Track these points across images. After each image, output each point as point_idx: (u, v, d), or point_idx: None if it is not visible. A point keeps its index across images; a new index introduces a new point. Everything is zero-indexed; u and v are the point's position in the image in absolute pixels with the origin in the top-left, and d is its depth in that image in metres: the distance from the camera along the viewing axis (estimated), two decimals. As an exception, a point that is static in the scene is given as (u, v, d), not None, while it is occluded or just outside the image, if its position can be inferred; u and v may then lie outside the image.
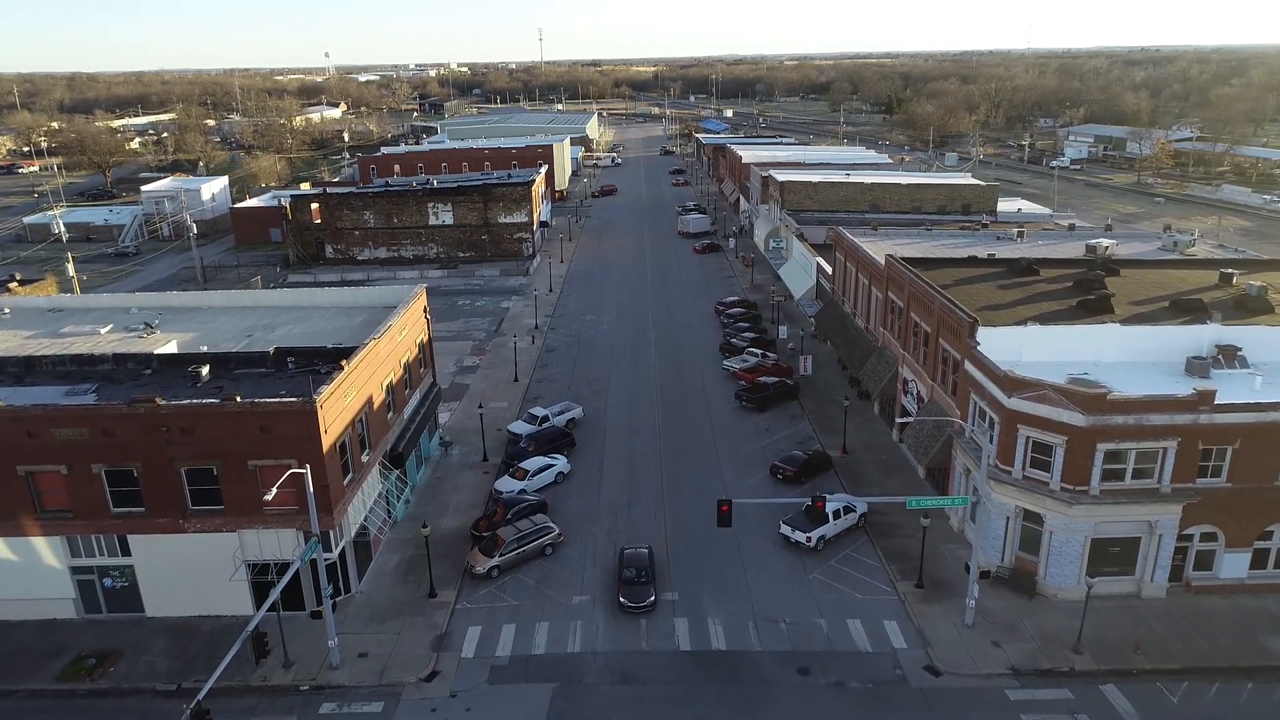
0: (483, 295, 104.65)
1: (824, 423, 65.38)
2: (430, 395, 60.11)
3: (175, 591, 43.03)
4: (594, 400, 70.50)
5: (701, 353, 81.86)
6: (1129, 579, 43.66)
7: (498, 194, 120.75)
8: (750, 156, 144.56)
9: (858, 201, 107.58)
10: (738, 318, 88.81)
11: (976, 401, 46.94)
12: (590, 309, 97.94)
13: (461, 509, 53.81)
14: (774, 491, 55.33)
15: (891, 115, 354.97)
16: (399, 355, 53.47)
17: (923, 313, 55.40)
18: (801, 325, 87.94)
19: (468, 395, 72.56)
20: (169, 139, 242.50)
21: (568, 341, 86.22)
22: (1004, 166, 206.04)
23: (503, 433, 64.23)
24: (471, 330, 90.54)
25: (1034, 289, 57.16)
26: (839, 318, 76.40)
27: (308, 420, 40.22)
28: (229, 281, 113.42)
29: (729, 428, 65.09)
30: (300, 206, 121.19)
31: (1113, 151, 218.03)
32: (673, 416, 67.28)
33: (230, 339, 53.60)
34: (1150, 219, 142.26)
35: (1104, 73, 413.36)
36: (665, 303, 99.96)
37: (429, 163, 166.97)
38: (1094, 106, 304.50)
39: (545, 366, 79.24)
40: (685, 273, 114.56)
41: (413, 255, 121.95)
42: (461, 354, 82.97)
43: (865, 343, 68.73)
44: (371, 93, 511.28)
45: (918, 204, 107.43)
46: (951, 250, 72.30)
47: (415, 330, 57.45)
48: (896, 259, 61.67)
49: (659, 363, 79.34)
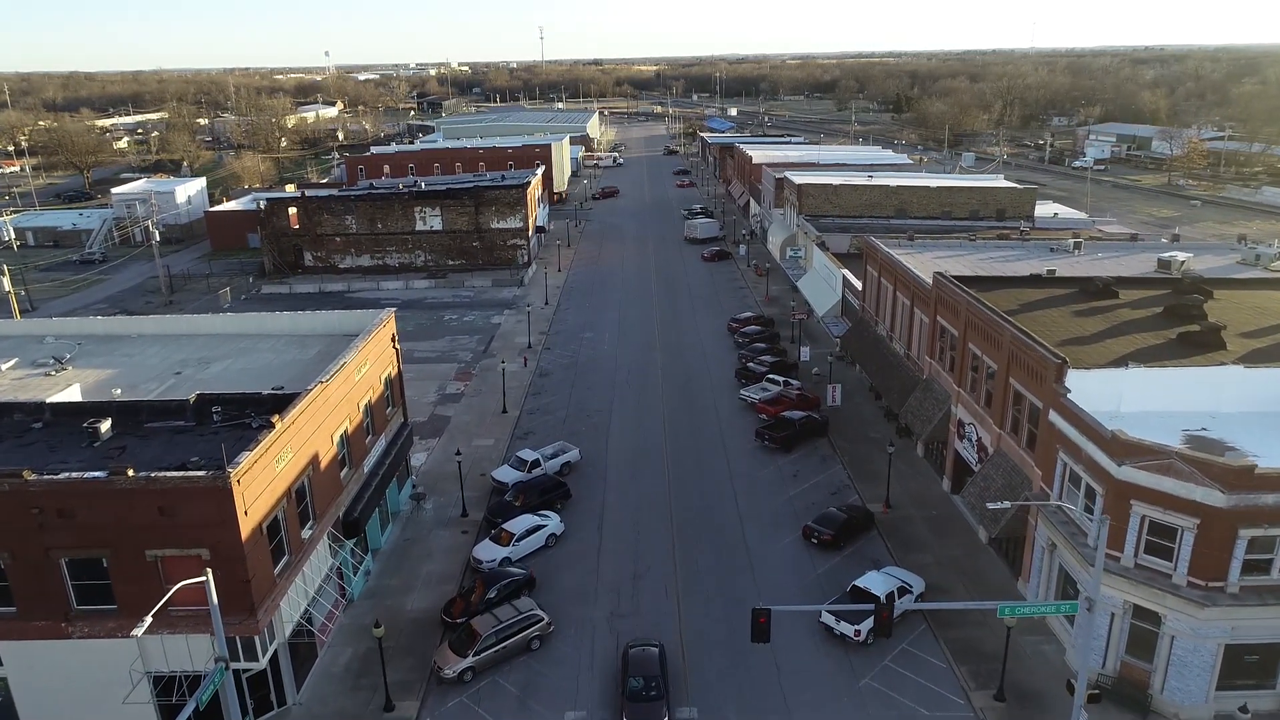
0: (472, 309, 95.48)
1: (860, 466, 56.22)
2: (400, 439, 50.98)
3: (60, 713, 33.91)
4: (593, 437, 61.36)
5: (715, 379, 72.67)
6: (1269, 693, 34.48)
7: (490, 197, 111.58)
8: (761, 157, 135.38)
9: (882, 206, 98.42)
10: (754, 337, 79.59)
11: (1067, 463, 37.75)
12: (590, 325, 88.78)
13: (433, 582, 44.66)
14: (808, 559, 46.16)
15: (900, 114, 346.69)
16: (358, 397, 44.35)
17: (986, 345, 46.22)
18: (826, 346, 78.77)
19: (449, 430, 63.41)
20: (153, 138, 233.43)
21: (564, 364, 77.06)
22: (1023, 167, 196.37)
23: (486, 479, 55.12)
24: (457, 350, 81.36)
25: (1117, 316, 47.96)
26: (871, 340, 67.19)
27: (220, 501, 31.10)
28: (197, 292, 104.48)
29: (750, 473, 55.88)
30: (276, 211, 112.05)
31: (1137, 151, 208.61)
32: (684, 459, 58.10)
33: (154, 378, 44.49)
34: (1190, 223, 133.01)
35: (1114, 71, 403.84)
36: (672, 318, 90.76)
37: (420, 163, 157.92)
38: (1110, 105, 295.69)
39: (538, 395, 70.06)
40: (693, 283, 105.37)
41: (398, 263, 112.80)
42: (445, 379, 73.81)
43: (906, 372, 59.51)
44: (369, 91, 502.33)
45: (948, 209, 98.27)
46: (1004, 265, 63.10)
47: (381, 364, 48.33)
48: (948, 278, 52.49)
49: (667, 391, 70.15)
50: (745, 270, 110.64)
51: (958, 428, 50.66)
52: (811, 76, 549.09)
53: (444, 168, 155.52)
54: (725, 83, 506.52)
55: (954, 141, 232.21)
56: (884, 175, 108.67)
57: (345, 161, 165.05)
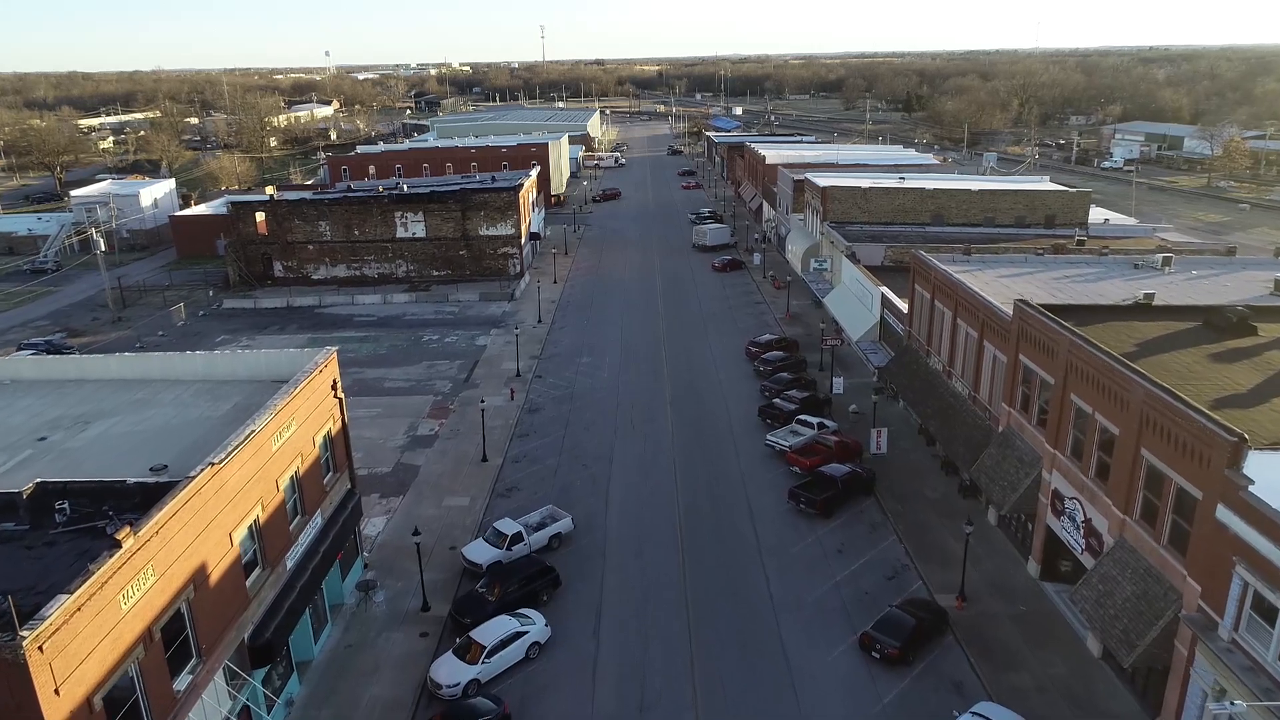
0: (456, 327, 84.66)
1: (919, 537, 45.43)
2: (345, 513, 40.26)
3: None
4: (589, 496, 50.60)
5: (734, 417, 61.86)
6: None
7: (478, 201, 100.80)
8: (776, 157, 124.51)
9: (917, 212, 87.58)
10: (777, 365, 68.69)
11: (1247, 580, 26.95)
12: (588, 347, 77.96)
13: (376, 717, 33.88)
14: (868, 679, 35.36)
15: (911, 113, 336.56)
16: (277, 472, 33.60)
17: (1101, 401, 35.40)
18: (860, 375, 68.01)
19: (416, 485, 52.64)
20: (130, 137, 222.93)
21: (557, 397, 66.27)
22: (1048, 168, 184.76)
23: (456, 554, 44.39)
24: (435, 379, 70.58)
25: (1268, 362, 37.10)
26: (922, 375, 56.35)
27: (10, 680, 20.36)
28: (152, 307, 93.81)
29: (783, 548, 45.04)
30: (243, 215, 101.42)
31: (1168, 151, 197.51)
32: (701, 527, 47.30)
33: (4, 448, 33.70)
34: (1242, 229, 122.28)
35: (1127, 70, 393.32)
36: (682, 338, 79.94)
37: (408, 163, 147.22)
38: (1129, 104, 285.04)
39: (526, 437, 59.26)
40: (704, 296, 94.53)
41: (377, 274, 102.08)
42: (417, 415, 63.04)
43: (972, 420, 48.67)
44: (366, 90, 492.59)
45: (990, 215, 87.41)
46: (1086, 287, 52.25)
47: (315, 422, 37.59)
48: (1035, 308, 41.68)
49: (678, 433, 59.34)
50: (761, 282, 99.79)
51: (1054, 501, 39.84)
52: (817, 75, 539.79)
53: (433, 168, 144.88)
54: (729, 82, 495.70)
55: (972, 140, 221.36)
56: (916, 177, 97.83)
57: (328, 162, 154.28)
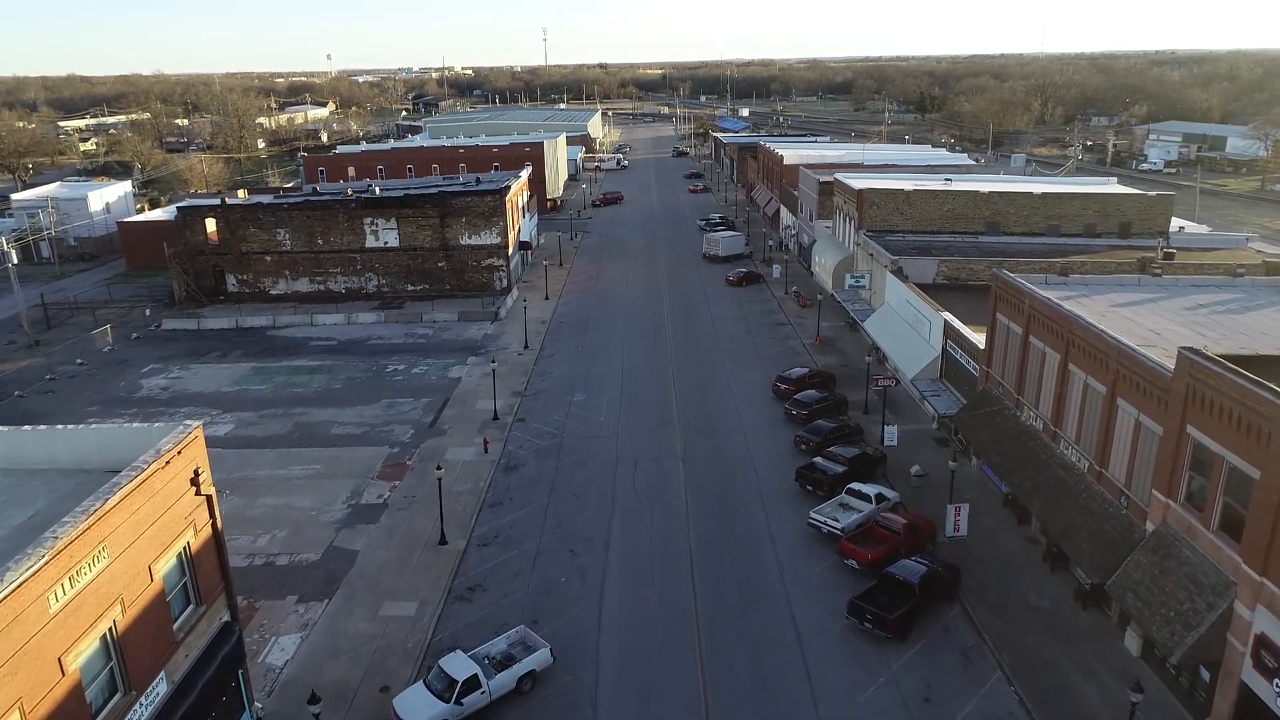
0: (428, 354, 71.90)
1: (1034, 676, 32.54)
2: (212, 663, 27.43)
3: None
4: (577, 602, 37.78)
5: (764, 479, 48.98)
6: None
7: (459, 206, 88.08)
8: (795, 157, 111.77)
9: (970, 219, 74.78)
10: (813, 408, 55.65)
11: None
12: (582, 381, 65.18)
13: None
14: None
15: (925, 114, 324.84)
16: (64, 641, 20.80)
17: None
18: (915, 419, 55.20)
19: (349, 581, 39.83)
20: (103, 137, 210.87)
21: (542, 449, 53.43)
22: (1082, 169, 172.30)
23: (386, 701, 31.60)
24: (394, 422, 57.80)
25: None
26: (1012, 433, 43.43)
27: None
28: (81, 328, 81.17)
29: (849, 698, 32.07)
30: (191, 222, 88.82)
31: (1209, 152, 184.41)
32: (731, 655, 34.40)
33: None
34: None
35: (1141, 71, 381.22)
36: (695, 370, 67.14)
37: (391, 164, 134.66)
38: (1155, 104, 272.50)
39: (499, 507, 46.45)
40: (718, 316, 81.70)
41: (344, 289, 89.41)
42: (365, 474, 50.24)
43: (1100, 508, 35.74)
44: (364, 92, 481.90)
45: (1055, 222, 74.62)
46: (1240, 321, 39.36)
47: (157, 540, 24.77)
48: (1218, 361, 28.84)
49: (694, 504, 46.48)
50: (783, 298, 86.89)
51: (1256, 651, 26.93)
52: (823, 77, 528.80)
53: (418, 170, 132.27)
54: (735, 83, 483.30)
55: (997, 141, 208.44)
56: (963, 179, 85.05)
57: (304, 162, 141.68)
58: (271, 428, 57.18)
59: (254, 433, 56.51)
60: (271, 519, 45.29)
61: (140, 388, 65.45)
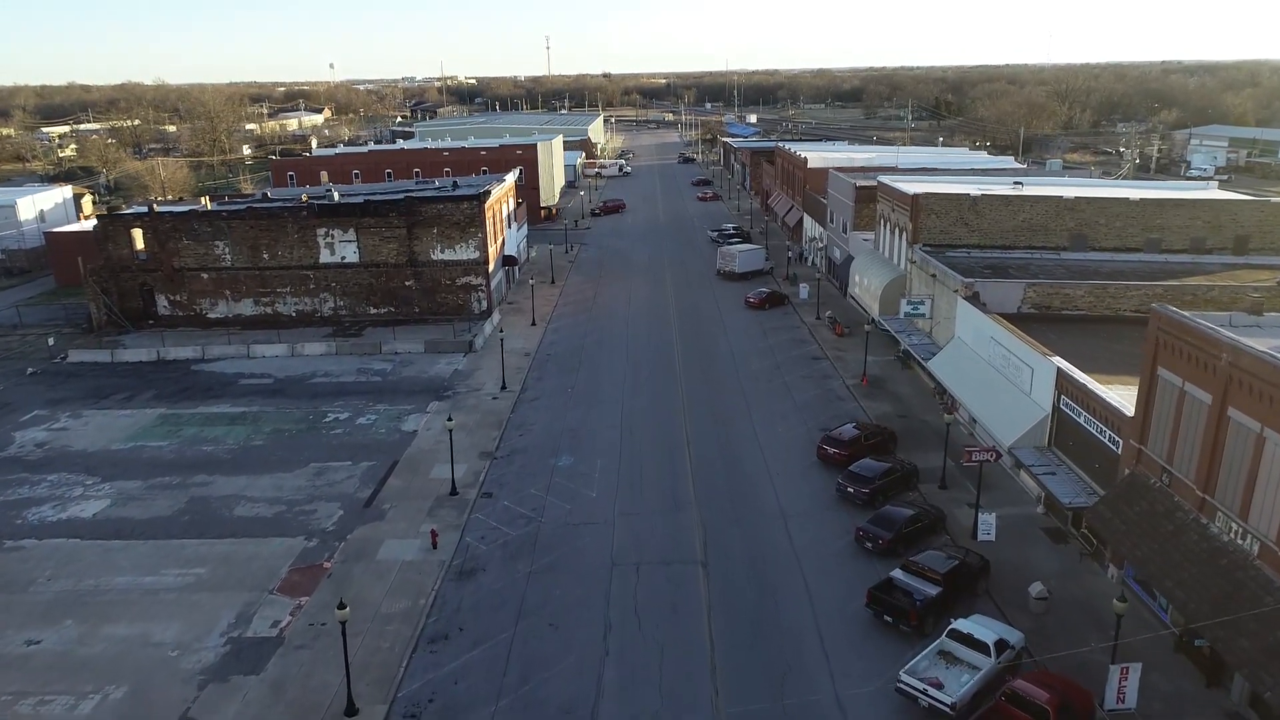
0: (381, 398, 57.87)
1: None
2: None
3: None
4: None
5: (820, 602, 34.80)
6: None
7: (430, 214, 74.28)
8: (820, 160, 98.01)
9: (1050, 230, 60.81)
10: (876, 484, 41.52)
11: None
12: (569, 439, 51.09)
13: None
14: None
15: (940, 120, 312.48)
16: None
17: None
18: (1007, 496, 41.11)
19: (195, 791, 25.72)
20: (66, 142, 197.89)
21: (512, 543, 39.32)
22: (1121, 177, 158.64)
23: None
24: (320, 498, 43.73)
25: None
26: (1196, 552, 29.27)
27: None
28: (-28, 360, 67.34)
29: None
30: (114, 233, 75.10)
31: (1260, 158, 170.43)
32: None
33: None
34: None
35: (1159, 79, 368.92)
36: (714, 422, 53.01)
37: (368, 168, 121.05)
38: (1187, 109, 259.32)
39: (441, 644, 32.30)
40: (740, 348, 67.68)
41: (295, 312, 75.61)
42: (261, 588, 36.09)
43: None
44: (361, 99, 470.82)
45: (1155, 234, 60.63)
46: None
47: None
48: None
49: (724, 641, 32.34)
50: (815, 325, 72.88)
51: None
52: (832, 84, 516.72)
53: (398, 174, 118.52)
54: (741, 90, 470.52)
55: (1026, 147, 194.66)
56: (1034, 183, 71.07)
57: (272, 166, 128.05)
58: (156, 506, 43.21)
59: (132, 513, 42.55)
60: (111, 665, 31.29)
61: (11, 442, 51.55)
